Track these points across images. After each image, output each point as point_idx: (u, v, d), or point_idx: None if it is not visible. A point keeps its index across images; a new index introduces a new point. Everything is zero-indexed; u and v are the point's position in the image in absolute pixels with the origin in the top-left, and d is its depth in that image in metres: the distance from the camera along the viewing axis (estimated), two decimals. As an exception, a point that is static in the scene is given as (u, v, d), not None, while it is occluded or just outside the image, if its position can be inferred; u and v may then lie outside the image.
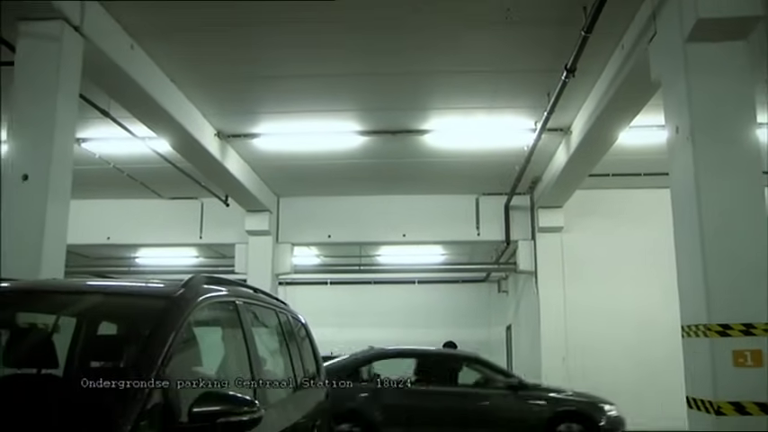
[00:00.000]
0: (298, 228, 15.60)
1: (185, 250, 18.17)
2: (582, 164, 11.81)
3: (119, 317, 3.51)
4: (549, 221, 14.60)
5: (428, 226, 15.34)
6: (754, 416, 5.82)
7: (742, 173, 6.31)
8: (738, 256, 6.17)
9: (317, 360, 5.67)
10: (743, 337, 5.98)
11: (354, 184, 14.67)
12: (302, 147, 12.25)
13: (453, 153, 12.45)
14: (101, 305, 3.50)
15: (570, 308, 14.47)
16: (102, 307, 3.50)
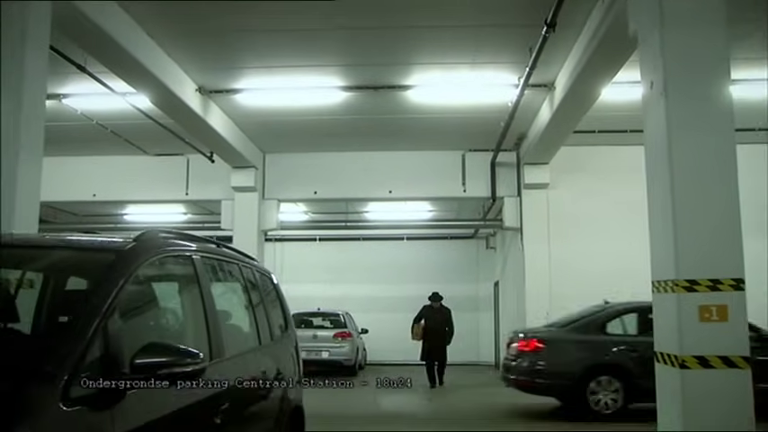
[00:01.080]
0: (284, 184, 15.57)
1: (174, 207, 18.15)
2: (566, 120, 11.77)
3: (67, 270, 3.52)
4: (534, 178, 14.60)
5: (414, 182, 15.33)
6: (717, 369, 5.91)
7: (714, 129, 6.31)
8: (708, 212, 6.19)
9: (286, 314, 5.70)
10: (709, 292, 6.03)
11: (340, 140, 14.61)
12: (286, 102, 12.21)
13: (437, 109, 12.41)
14: (50, 259, 3.51)
15: (555, 264, 14.53)
16: (51, 261, 3.52)
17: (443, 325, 14.94)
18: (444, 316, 15.07)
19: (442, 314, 15.08)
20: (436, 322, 14.95)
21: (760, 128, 13.81)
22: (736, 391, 5.94)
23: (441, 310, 15.13)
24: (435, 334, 14.83)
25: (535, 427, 9.93)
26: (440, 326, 14.90)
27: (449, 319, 15.10)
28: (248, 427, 4.11)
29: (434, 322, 14.96)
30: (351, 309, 19.52)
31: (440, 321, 14.96)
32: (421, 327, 15.07)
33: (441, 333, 14.84)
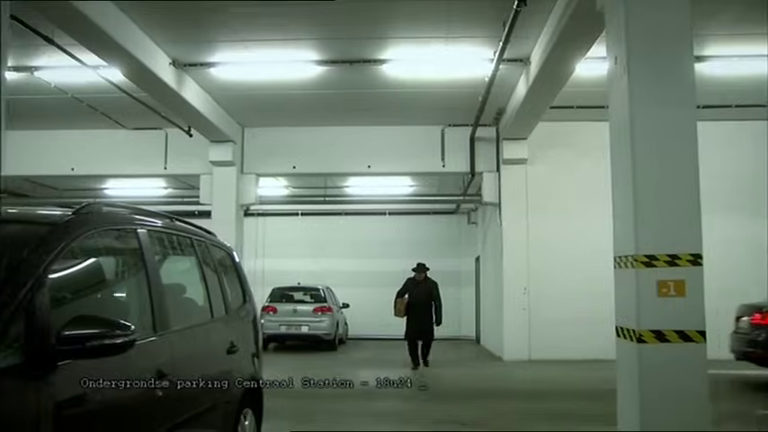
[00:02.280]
0: (262, 158, 15.53)
1: (154, 181, 18.09)
2: (542, 95, 11.76)
3: (2, 242, 3.51)
4: (513, 153, 14.61)
5: (393, 157, 15.32)
6: (673, 343, 5.98)
7: (676, 105, 6.31)
8: (668, 188, 6.22)
9: (245, 289, 5.71)
10: (668, 267, 6.08)
11: (319, 114, 14.57)
12: (262, 76, 12.16)
13: (413, 83, 12.37)
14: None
15: (533, 239, 14.61)
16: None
17: (428, 300, 13.29)
18: (429, 289, 13.43)
19: (426, 288, 13.45)
20: (420, 297, 13.35)
21: (737, 104, 13.90)
22: (691, 365, 6.01)
23: (425, 284, 13.53)
24: (419, 310, 13.28)
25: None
26: (424, 301, 13.28)
27: (434, 294, 13.44)
28: (195, 398, 4.13)
29: (418, 297, 13.36)
30: (333, 283, 19.60)
31: (424, 296, 13.32)
32: (404, 302, 13.46)
33: (425, 309, 13.26)
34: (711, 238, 13.88)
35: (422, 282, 13.55)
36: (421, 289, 13.44)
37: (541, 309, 14.31)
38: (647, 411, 5.97)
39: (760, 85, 12.76)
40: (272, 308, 17.02)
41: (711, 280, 6.47)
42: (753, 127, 14.77)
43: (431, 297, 13.35)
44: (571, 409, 8.88)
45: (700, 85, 12.48)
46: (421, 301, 13.31)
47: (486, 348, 17.45)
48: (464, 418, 8.26)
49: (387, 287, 20.41)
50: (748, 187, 14.79)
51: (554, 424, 7.95)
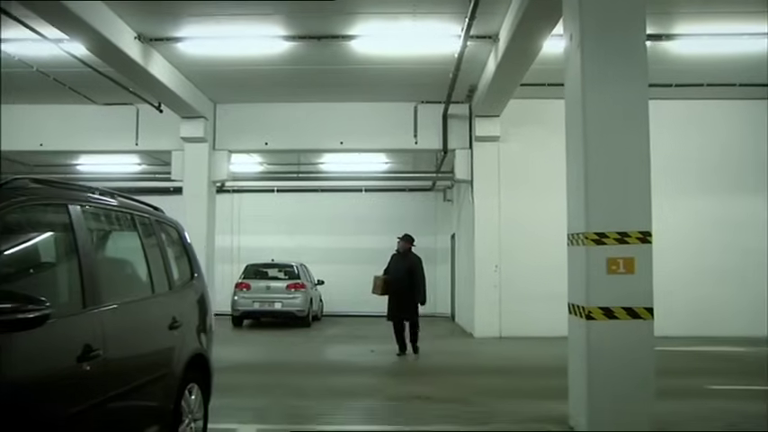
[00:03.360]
0: (235, 135, 15.43)
1: (128, 157, 17.93)
2: (511, 72, 11.72)
3: None
4: (485, 131, 14.59)
5: (366, 134, 15.27)
6: (621, 320, 6.05)
7: (628, 84, 6.34)
8: (618, 166, 6.26)
9: (192, 264, 5.70)
10: (617, 245, 6.14)
11: (290, 91, 14.47)
12: (231, 52, 12.06)
13: (383, 60, 12.32)
14: None
15: (505, 217, 14.65)
16: None
17: (410, 276, 11.92)
18: (411, 265, 12.03)
19: (409, 263, 12.05)
20: (400, 272, 11.98)
21: (708, 83, 13.94)
22: (639, 341, 6.11)
23: (407, 258, 12.17)
24: (399, 286, 11.90)
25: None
26: (404, 277, 11.91)
27: (416, 270, 12.00)
28: (130, 372, 4.14)
29: (398, 272, 12.01)
30: (309, 260, 19.62)
31: (405, 271, 11.95)
32: (381, 278, 12.17)
33: (406, 286, 11.89)
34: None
35: (405, 255, 12.22)
36: (402, 264, 12.11)
37: (512, 286, 14.39)
38: (593, 387, 6.06)
39: (732, 64, 12.84)
40: (245, 284, 17.03)
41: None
42: (727, 106, 14.86)
43: (413, 273, 11.96)
44: (527, 385, 8.96)
45: (672, 63, 12.69)
46: (402, 277, 11.93)
47: (460, 325, 17.56)
48: (420, 392, 8.32)
49: (363, 264, 20.54)
50: (720, 167, 14.93)
51: (505, 399, 8.03)
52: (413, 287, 11.90)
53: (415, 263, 12.10)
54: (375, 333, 15.79)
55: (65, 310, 3.61)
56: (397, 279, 11.94)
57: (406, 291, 11.88)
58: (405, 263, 12.08)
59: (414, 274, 11.94)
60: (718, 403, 7.75)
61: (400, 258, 12.22)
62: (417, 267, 12.06)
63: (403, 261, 12.13)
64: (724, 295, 14.50)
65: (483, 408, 7.52)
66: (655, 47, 11.79)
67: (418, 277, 11.96)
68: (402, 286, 11.88)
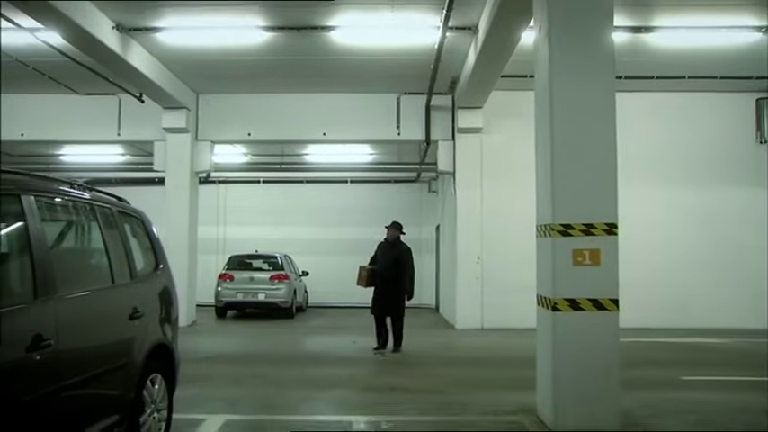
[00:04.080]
0: (217, 125, 15.39)
1: (111, 147, 17.84)
2: (491, 64, 11.72)
3: None
4: (468, 122, 14.60)
5: (349, 125, 15.26)
6: (587, 311, 6.07)
7: (595, 75, 6.33)
8: (585, 157, 6.27)
9: (157, 254, 5.70)
10: (583, 237, 6.15)
11: (273, 81, 14.44)
12: (210, 42, 12.06)
13: (364, 51, 12.32)
14: None
15: (487, 208, 14.68)
16: None
17: (397, 267, 11.09)
18: (399, 255, 11.18)
19: (397, 253, 11.19)
20: (387, 263, 11.14)
21: (690, 75, 13.97)
22: (604, 333, 6.13)
23: (396, 248, 11.29)
24: (385, 278, 11.10)
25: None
26: (391, 268, 11.08)
27: (405, 260, 11.19)
28: (86, 362, 4.14)
29: (385, 263, 11.17)
30: (294, 251, 19.62)
31: (392, 262, 11.11)
32: (367, 269, 11.31)
33: (392, 277, 11.06)
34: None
35: (393, 245, 11.32)
36: (390, 254, 11.20)
37: (494, 278, 14.44)
38: (559, 378, 6.09)
39: (713, 56, 12.89)
40: (228, 275, 17.03)
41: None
42: (712, 99, 14.93)
43: (400, 264, 11.10)
44: (503, 375, 8.99)
45: (653, 55, 12.72)
46: (388, 268, 11.07)
47: (444, 317, 17.60)
48: (397, 383, 8.35)
49: (348, 255, 20.53)
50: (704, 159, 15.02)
51: (479, 389, 8.06)
52: (400, 279, 11.07)
53: (404, 253, 11.25)
54: (358, 324, 15.79)
55: (14, 300, 3.61)
56: (385, 270, 11.09)
57: (393, 282, 11.07)
58: (393, 252, 11.20)
59: (402, 264, 11.12)
60: (690, 394, 7.81)
61: (389, 247, 11.31)
62: (407, 258, 11.22)
63: (391, 250, 11.24)
64: (708, 287, 14.60)
65: (456, 398, 7.56)
66: (634, 39, 11.88)
67: (406, 268, 11.13)
68: (390, 277, 11.06)
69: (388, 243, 11.40)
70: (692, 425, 6.33)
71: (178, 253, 14.62)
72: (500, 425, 6.34)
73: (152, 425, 5.06)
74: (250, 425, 6.28)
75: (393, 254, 11.20)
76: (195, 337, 13.55)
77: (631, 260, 14.21)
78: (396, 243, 11.35)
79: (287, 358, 10.94)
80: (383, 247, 11.44)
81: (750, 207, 14.92)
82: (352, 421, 6.43)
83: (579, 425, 5.96)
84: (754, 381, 8.81)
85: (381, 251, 11.39)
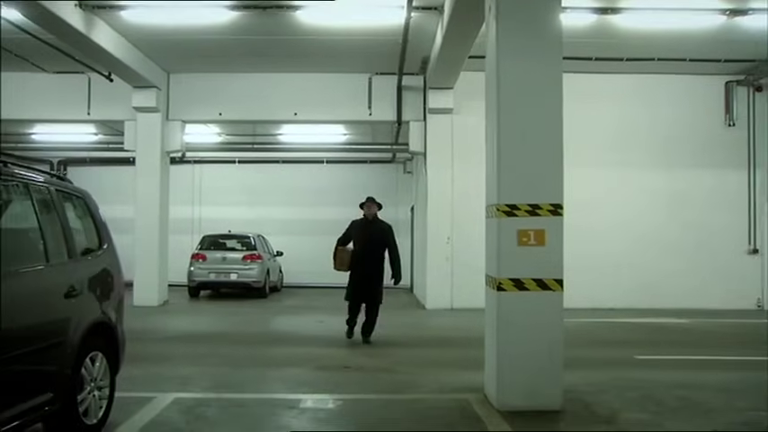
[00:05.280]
0: (188, 105, 15.32)
1: (83, 127, 17.71)
2: (458, 44, 11.67)
3: None
4: (439, 103, 14.59)
5: (320, 105, 15.22)
6: (531, 291, 6.13)
7: (541, 56, 6.35)
8: (530, 138, 6.29)
9: (101, 234, 5.70)
10: (529, 217, 6.19)
11: (244, 61, 14.39)
12: (176, 20, 11.99)
13: (331, 31, 12.31)
14: None
15: (457, 189, 14.72)
16: None
17: (379, 247, 9.98)
18: (381, 234, 10.03)
19: (377, 232, 10.04)
20: (368, 243, 9.94)
21: (659, 58, 14.02)
22: (548, 313, 6.19)
23: (374, 225, 10.11)
24: (367, 260, 9.90)
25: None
26: (374, 249, 9.95)
27: (389, 240, 10.04)
28: (14, 340, 4.15)
29: (366, 243, 9.94)
30: (270, 231, 19.66)
31: (374, 242, 9.95)
32: (348, 252, 10.04)
33: (375, 259, 9.97)
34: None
35: (372, 223, 10.11)
36: (370, 233, 9.98)
37: (464, 258, 14.48)
38: (503, 357, 6.15)
39: (681, 39, 12.93)
40: (201, 255, 17.04)
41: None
42: (681, 81, 15.00)
43: (383, 244, 9.99)
44: (460, 355, 9.01)
45: (622, 38, 12.76)
46: (370, 249, 9.90)
47: (417, 297, 17.69)
48: (353, 362, 8.42)
49: (323, 235, 20.45)
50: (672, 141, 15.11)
51: (433, 368, 8.15)
52: (382, 261, 10.03)
53: (386, 231, 10.10)
54: (329, 304, 15.83)
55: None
56: (367, 251, 9.88)
57: (376, 266, 9.98)
58: (374, 232, 10.00)
59: (386, 245, 9.99)
60: (640, 372, 7.91)
61: (367, 226, 10.05)
62: (390, 237, 10.08)
63: (371, 229, 10.00)
64: (676, 268, 14.77)
65: (409, 377, 7.64)
66: (602, 20, 11.90)
67: (393, 249, 10.02)
68: (372, 261, 9.91)
69: (365, 221, 10.13)
70: (630, 401, 6.44)
71: (149, 233, 14.72)
72: (444, 402, 6.42)
73: (92, 403, 5.10)
74: (198, 402, 6.31)
75: (374, 233, 9.98)
76: (165, 316, 13.62)
77: (600, 242, 14.61)
78: (375, 221, 10.12)
79: (250, 338, 10.99)
80: (360, 225, 10.13)
81: (718, 189, 15.10)
82: (299, 399, 6.47)
83: (522, 403, 6.03)
84: (705, 359, 9.01)
85: (359, 230, 10.05)
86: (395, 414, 6.05)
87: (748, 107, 15.12)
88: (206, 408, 6.16)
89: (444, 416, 5.95)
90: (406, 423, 5.80)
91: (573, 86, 14.43)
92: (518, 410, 5.97)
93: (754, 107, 15.12)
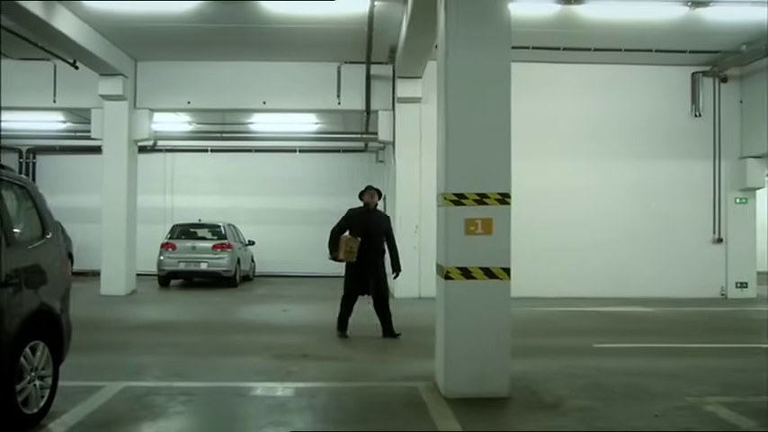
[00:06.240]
0: (156, 93, 15.19)
1: (51, 115, 17.55)
2: (422, 32, 11.58)
3: None
4: (407, 92, 14.58)
5: (289, 94, 15.16)
6: (479, 280, 6.17)
7: (490, 45, 6.36)
8: (478, 128, 6.33)
9: (44, 223, 5.67)
10: (476, 206, 6.23)
11: (211, 49, 14.28)
12: (139, 8, 11.88)
13: (297, 19, 12.27)
14: None
15: (426, 179, 14.66)
16: None
17: (378, 238, 9.53)
18: (381, 224, 9.71)
19: (379, 221, 9.71)
20: (373, 234, 9.47)
21: (627, 48, 14.10)
22: (495, 301, 6.24)
23: (377, 215, 9.81)
24: (373, 252, 9.48)
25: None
26: (373, 239, 9.46)
27: (389, 231, 9.78)
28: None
29: (365, 233, 9.42)
30: (242, 220, 19.58)
31: (374, 232, 9.46)
32: (356, 240, 9.37)
33: (375, 250, 9.53)
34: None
35: (374, 212, 9.74)
36: (370, 223, 9.51)
37: (432, 247, 14.32)
38: (450, 345, 6.21)
39: (647, 30, 13.00)
40: (171, 244, 16.95)
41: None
42: (649, 72, 15.11)
43: (383, 235, 9.61)
44: (416, 342, 9.00)
45: (589, 28, 12.83)
46: (370, 239, 9.41)
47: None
48: (310, 351, 8.45)
49: (296, 225, 20.65)
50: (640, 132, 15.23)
51: (387, 356, 8.29)
52: (383, 253, 9.70)
53: (386, 221, 9.89)
54: (299, 293, 15.95)
55: None
56: (373, 244, 9.44)
57: (381, 257, 9.66)
58: (377, 222, 9.63)
59: (386, 235, 9.67)
60: (594, 360, 8.01)
61: (367, 215, 9.59)
62: (390, 227, 9.82)
63: (371, 219, 9.55)
64: (642, 257, 14.92)
65: (364, 365, 7.70)
66: (566, 11, 11.95)
67: (392, 239, 9.75)
68: (376, 253, 9.54)
69: (364, 210, 9.65)
70: (578, 388, 6.52)
71: (116, 222, 14.63)
72: (394, 390, 6.47)
73: (32, 393, 5.09)
74: (147, 391, 6.31)
75: (374, 223, 9.54)
76: (131, 306, 13.57)
77: (568, 232, 14.71)
78: (376, 210, 9.79)
79: (214, 327, 10.99)
80: (359, 214, 9.63)
81: (685, 179, 15.25)
82: (249, 387, 6.49)
83: (469, 390, 6.10)
84: (662, 347, 9.13)
85: (358, 220, 9.54)
86: (342, 402, 6.09)
87: (714, 98, 15.26)
88: (154, 396, 6.16)
89: (390, 403, 6.01)
90: (351, 411, 5.84)
91: (541, 76, 14.82)
92: (465, 397, 6.04)
93: (719, 98, 15.25)
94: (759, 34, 12.94)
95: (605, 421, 5.52)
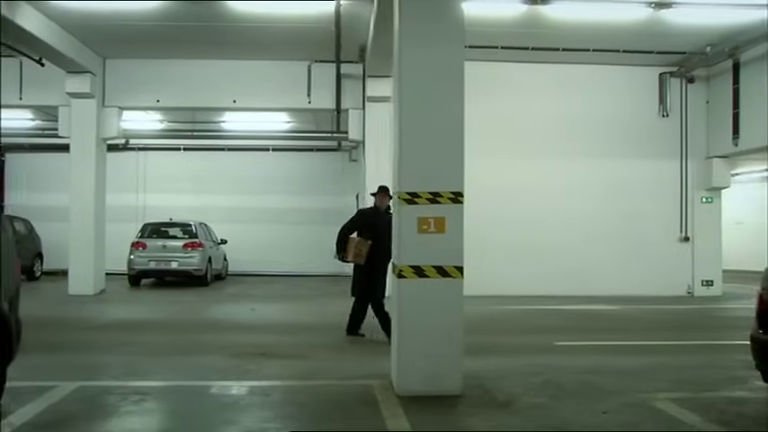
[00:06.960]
0: (125, 91, 15.13)
1: (18, 112, 17.38)
2: (389, 31, 11.57)
3: None
4: (377, 91, 14.58)
5: (259, 92, 15.16)
6: (431, 278, 6.20)
7: (443, 44, 6.38)
8: (431, 127, 6.34)
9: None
10: (429, 205, 6.25)
11: (180, 48, 14.28)
12: (107, 6, 11.87)
13: (265, 18, 12.35)
14: None
15: (396, 177, 14.76)
16: None
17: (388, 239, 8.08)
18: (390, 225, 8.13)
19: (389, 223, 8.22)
20: (380, 235, 8.99)
21: (594, 48, 14.20)
22: (448, 299, 6.26)
23: (386, 217, 8.95)
24: (381, 253, 8.92)
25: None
26: (386, 241, 8.38)
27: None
28: None
29: (377, 235, 9.11)
30: (215, 219, 19.55)
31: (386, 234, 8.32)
32: (367, 244, 9.19)
33: (387, 252, 8.42)
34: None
35: (382, 214, 9.26)
36: (382, 224, 8.90)
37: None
38: (403, 343, 6.23)
39: (613, 30, 13.12)
40: (141, 243, 16.87)
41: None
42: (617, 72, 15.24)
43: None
44: (375, 341, 9.05)
45: (556, 28, 12.93)
46: (386, 242, 8.43)
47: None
48: (269, 350, 8.44)
49: (269, 224, 20.64)
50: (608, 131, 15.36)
51: (346, 355, 8.32)
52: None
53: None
54: (270, 292, 15.95)
55: None
56: (379, 243, 9.02)
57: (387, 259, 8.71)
58: (385, 223, 8.77)
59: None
60: (551, 358, 8.06)
61: (379, 217, 9.27)
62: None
63: (383, 220, 9.04)
64: (610, 256, 15.07)
65: (322, 364, 7.69)
66: (533, 10, 12.04)
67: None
68: (386, 252, 8.64)
69: (375, 211, 9.46)
70: (532, 386, 6.55)
71: (83, 221, 14.55)
72: (348, 388, 6.47)
73: (-23, 392, 5.06)
74: (101, 391, 6.27)
75: (386, 225, 8.61)
76: (99, 305, 13.49)
77: (536, 231, 14.80)
78: (386, 212, 9.26)
79: (179, 326, 10.96)
80: (371, 216, 9.47)
81: (653, 178, 15.40)
82: (205, 386, 6.48)
83: (421, 388, 6.12)
84: (622, 345, 9.21)
85: (370, 221, 9.34)
86: (296, 399, 6.10)
87: (681, 98, 15.44)
88: (108, 396, 6.13)
89: (343, 401, 6.02)
90: (304, 408, 5.84)
91: (510, 76, 14.89)
92: (417, 395, 6.05)
93: (686, 98, 15.43)
94: (722, 36, 13.14)
95: (555, 419, 5.56)
